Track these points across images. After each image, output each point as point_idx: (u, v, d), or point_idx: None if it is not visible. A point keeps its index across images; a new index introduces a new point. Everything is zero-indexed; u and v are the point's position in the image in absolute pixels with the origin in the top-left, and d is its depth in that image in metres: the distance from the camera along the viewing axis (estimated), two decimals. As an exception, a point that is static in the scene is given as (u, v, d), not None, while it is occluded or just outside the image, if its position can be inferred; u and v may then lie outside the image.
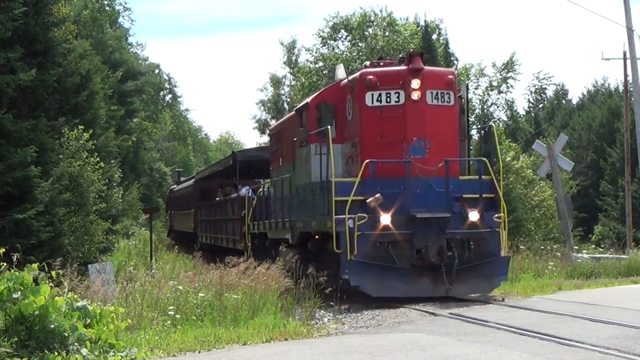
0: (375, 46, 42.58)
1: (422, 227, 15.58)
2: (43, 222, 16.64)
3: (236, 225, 25.73)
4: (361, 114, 16.56)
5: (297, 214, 18.31)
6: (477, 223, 15.88)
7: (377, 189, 15.64)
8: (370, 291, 15.40)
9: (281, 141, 21.25)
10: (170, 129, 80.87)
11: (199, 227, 34.95)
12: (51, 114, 19.30)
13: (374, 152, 16.11)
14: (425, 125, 16.27)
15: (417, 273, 15.53)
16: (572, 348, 9.64)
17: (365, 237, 15.33)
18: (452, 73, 17.28)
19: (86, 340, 8.89)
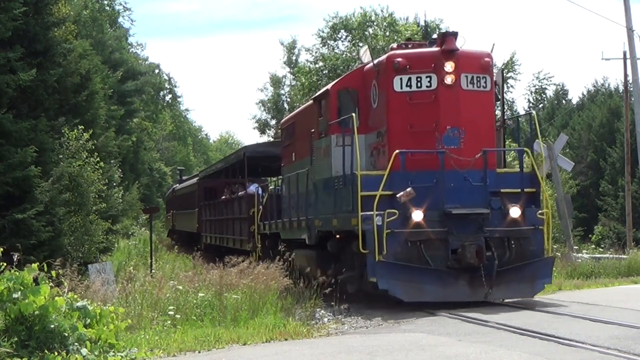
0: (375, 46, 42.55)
1: (458, 224, 14.21)
2: (43, 222, 16.66)
3: (244, 225, 24.45)
4: (388, 100, 15.15)
5: (315, 211, 16.96)
6: (518, 220, 14.53)
7: (407, 183, 14.27)
8: (401, 295, 14.04)
9: (294, 135, 19.95)
10: (170, 129, 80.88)
11: (203, 227, 33.90)
12: (51, 114, 19.34)
13: (402, 142, 14.73)
14: (460, 112, 14.90)
15: (452, 275, 14.13)
16: (572, 348, 9.64)
17: (395, 235, 13.98)
18: (488, 55, 15.53)
19: (86, 340, 8.89)
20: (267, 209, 21.76)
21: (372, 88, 15.87)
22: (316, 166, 17.31)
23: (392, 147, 14.84)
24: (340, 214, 15.29)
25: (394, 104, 15.10)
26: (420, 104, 14.95)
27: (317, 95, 17.91)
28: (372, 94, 15.85)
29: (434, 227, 14.20)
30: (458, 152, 14.70)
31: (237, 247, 24.83)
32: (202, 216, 34.02)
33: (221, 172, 31.46)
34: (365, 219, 14.04)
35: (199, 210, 34.60)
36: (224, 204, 28.86)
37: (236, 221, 25.93)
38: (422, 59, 15.17)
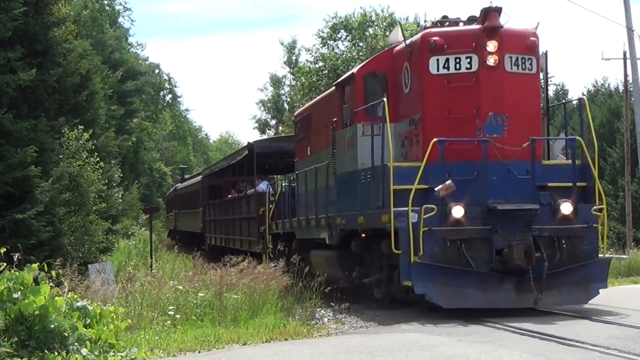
0: (375, 46, 42.58)
1: (503, 221, 12.83)
2: (43, 222, 16.66)
3: (253, 225, 23.17)
4: (423, 84, 13.79)
5: (337, 208, 15.65)
6: (570, 217, 13.09)
7: (445, 176, 12.94)
8: (439, 301, 12.63)
9: (310, 127, 18.73)
10: (170, 129, 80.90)
11: (207, 227, 32.65)
12: (51, 114, 19.35)
13: (439, 130, 13.30)
14: (504, 96, 13.54)
15: (497, 279, 12.73)
16: (572, 348, 9.64)
17: (433, 233, 12.61)
18: (534, 34, 14.07)
19: (86, 340, 8.89)
20: (281, 207, 20.39)
21: (403, 71, 14.48)
22: (339, 159, 15.95)
23: (427, 135, 13.49)
24: (367, 210, 13.99)
25: (429, 88, 13.75)
26: (459, 87, 13.59)
27: (341, 81, 16.40)
28: (404, 78, 14.46)
29: (476, 224, 12.87)
30: (502, 141, 13.33)
31: (245, 249, 23.58)
32: (206, 216, 32.93)
33: (227, 170, 29.85)
34: (399, 216, 12.69)
35: (203, 209, 33.53)
36: (231, 203, 27.64)
37: (244, 221, 24.69)
38: (462, 38, 13.78)
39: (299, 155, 19.80)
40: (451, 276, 12.59)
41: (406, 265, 12.65)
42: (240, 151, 27.07)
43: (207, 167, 38.99)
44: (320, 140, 17.52)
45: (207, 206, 32.73)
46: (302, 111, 20.56)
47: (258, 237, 22.21)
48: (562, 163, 14.32)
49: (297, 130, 20.40)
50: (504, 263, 12.71)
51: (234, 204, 26.77)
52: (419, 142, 13.87)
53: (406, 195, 12.79)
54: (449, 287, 12.60)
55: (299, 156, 19.79)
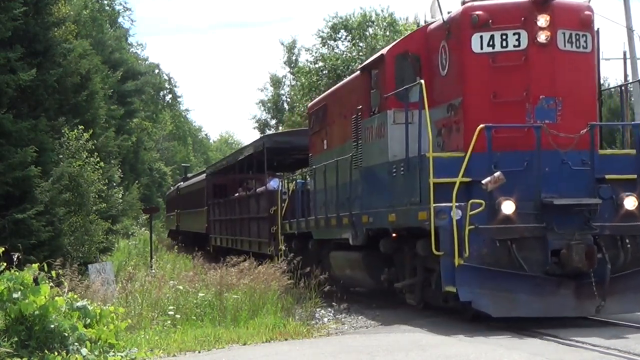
0: (375, 46, 42.56)
1: (559, 218, 11.37)
2: (43, 222, 16.66)
3: (263, 225, 21.79)
4: (465, 64, 12.34)
5: (363, 205, 14.34)
6: (634, 213, 11.62)
7: (490, 167, 11.51)
8: (488, 309, 11.16)
9: (327, 118, 17.39)
10: (170, 129, 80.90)
11: (212, 228, 31.21)
12: (51, 113, 19.34)
13: (483, 116, 11.87)
14: (557, 78, 12.08)
15: (553, 283, 11.30)
16: (572, 348, 9.63)
17: (480, 232, 11.18)
18: (588, 8, 12.53)
19: (86, 340, 8.89)
20: (294, 206, 19.01)
21: (440, 52, 13.00)
22: (365, 150, 14.49)
23: (469, 122, 12.06)
24: (400, 207, 12.63)
25: (472, 69, 12.29)
26: (506, 67, 12.16)
27: (367, 64, 14.86)
28: (440, 59, 13.00)
29: (529, 221, 11.43)
30: (554, 128, 11.90)
31: (254, 250, 22.21)
32: (210, 216, 31.52)
33: (234, 167, 28.24)
34: (440, 212, 11.30)
35: (208, 209, 32.14)
36: (238, 202, 26.08)
37: (253, 221, 23.23)
38: (509, 12, 12.31)
39: (313, 149, 18.46)
40: (501, 281, 11.14)
41: (449, 268, 11.20)
42: (249, 147, 25.42)
43: (212, 165, 36.92)
44: (340, 131, 16.27)
45: (211, 205, 31.46)
46: (317, 102, 19.06)
47: (269, 238, 20.94)
48: (623, 152, 12.98)
49: (312, 122, 18.91)
50: (562, 265, 11.23)
51: (242, 203, 25.38)
52: (459, 130, 12.38)
53: (446, 190, 11.42)
54: (500, 293, 11.14)
55: (313, 150, 18.46)
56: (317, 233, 17.16)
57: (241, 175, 27.19)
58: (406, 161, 12.52)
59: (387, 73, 13.63)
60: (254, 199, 23.31)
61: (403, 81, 13.26)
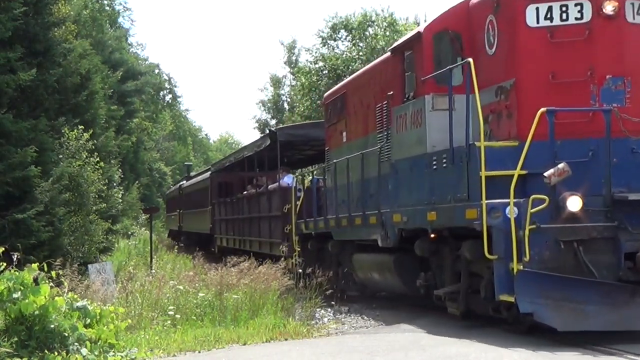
0: (375, 46, 42.56)
1: (633, 216, 9.96)
2: (43, 222, 16.65)
3: (276, 225, 20.43)
4: (518, 40, 10.90)
5: (394, 202, 13.00)
6: None
7: (553, 157, 10.12)
8: (553, 322, 9.68)
9: (346, 108, 16.11)
10: (170, 129, 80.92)
11: (217, 228, 29.92)
12: (51, 113, 19.33)
13: (540, 99, 10.49)
14: (625, 55, 10.63)
15: (628, 292, 9.75)
16: (572, 347, 9.61)
17: (543, 233, 9.78)
18: None
19: (86, 340, 8.88)
20: (311, 204, 17.68)
21: (486, 28, 11.58)
22: (397, 141, 13.15)
23: (524, 106, 10.71)
24: (442, 204, 11.37)
25: (527, 45, 10.84)
26: (566, 43, 10.72)
27: (400, 45, 13.38)
28: (487, 36, 11.59)
29: (598, 220, 10.02)
30: (623, 112, 10.44)
31: (265, 252, 21.03)
32: (215, 215, 30.32)
33: (241, 164, 26.62)
34: (493, 210, 9.99)
35: (212, 208, 30.98)
36: (247, 201, 24.63)
37: (264, 220, 21.93)
38: None
39: (331, 142, 17.21)
40: (567, 289, 9.65)
41: (505, 274, 9.90)
42: (259, 141, 23.57)
43: (217, 162, 34.92)
44: (362, 122, 15.07)
45: (216, 205, 30.17)
46: (335, 91, 17.59)
47: (282, 239, 19.53)
48: None
49: (328, 114, 17.54)
50: (637, 271, 9.82)
51: (252, 202, 23.98)
52: (510, 116, 11.00)
53: (497, 185, 10.20)
54: (567, 304, 9.64)
55: (331, 144, 17.17)
56: (338, 233, 15.87)
57: (250, 173, 25.77)
58: (450, 152, 11.13)
59: (425, 53, 12.20)
60: (266, 197, 22.00)
61: (441, 62, 11.96)
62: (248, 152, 24.77)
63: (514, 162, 10.23)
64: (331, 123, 17.24)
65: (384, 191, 13.57)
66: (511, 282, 9.81)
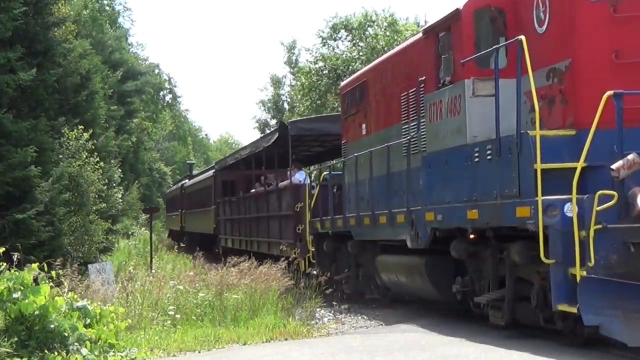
0: (375, 46, 42.55)
1: None
2: (43, 222, 16.66)
3: (287, 225, 19.32)
4: (576, 14, 9.71)
5: (427, 199, 11.82)
6: None
7: (620, 147, 8.98)
8: (623, 337, 8.48)
9: (369, 97, 14.94)
10: (170, 129, 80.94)
11: (222, 228, 29.04)
12: (51, 113, 19.34)
13: (602, 82, 9.32)
14: None
15: None
16: (572, 348, 9.61)
17: (609, 234, 8.64)
18: None
19: (86, 340, 8.88)
20: (329, 202, 16.53)
21: (535, 3, 10.37)
22: (429, 132, 11.96)
23: (583, 90, 9.59)
24: (486, 200, 10.21)
25: (586, 21, 9.65)
26: (632, 19, 9.57)
27: (435, 24, 12.02)
28: (536, 13, 10.37)
29: None
30: None
31: (274, 253, 19.85)
32: (219, 215, 29.35)
33: (247, 161, 25.24)
34: (549, 207, 8.89)
35: (216, 208, 29.95)
36: (255, 200, 23.49)
37: (274, 220, 20.77)
38: None
39: (349, 135, 16.07)
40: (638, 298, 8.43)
41: (563, 281, 8.87)
42: (269, 136, 22.08)
43: (221, 160, 33.65)
44: (386, 112, 13.94)
45: (220, 204, 29.16)
46: (353, 80, 16.35)
47: (294, 239, 18.48)
48: None
49: (346, 105, 16.40)
50: None
51: (260, 200, 22.81)
52: (566, 102, 9.85)
53: (553, 179, 9.15)
54: (636, 315, 8.41)
55: (349, 137, 16.06)
56: (358, 233, 14.79)
57: (257, 171, 24.71)
58: (496, 142, 9.98)
59: (465, 33, 10.96)
60: (275, 195, 20.90)
61: (482, 43, 10.82)
62: (255, 148, 23.39)
63: (571, 153, 9.18)
64: (349, 114, 16.12)
65: (414, 187, 12.35)
66: (571, 290, 8.74)
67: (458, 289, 11.51)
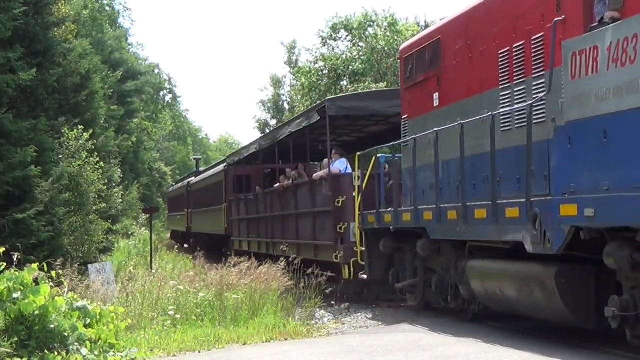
0: (375, 46, 42.55)
1: None
2: (43, 221, 16.66)
3: (324, 222, 16.56)
4: None
5: (563, 185, 8.76)
6: None
7: None
8: None
9: (445, 58, 12.09)
10: (170, 129, 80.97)
11: (235, 229, 26.42)
12: (51, 113, 19.36)
13: None
14: None
15: None
16: (573, 348, 9.61)
17: None
18: None
19: (86, 340, 8.88)
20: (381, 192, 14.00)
21: None
22: (572, 92, 8.69)
23: None
24: None
25: None
26: None
27: None
28: None
29: None
30: None
31: (308, 257, 17.18)
32: (232, 214, 26.92)
33: (270, 151, 21.66)
34: None
35: (228, 206, 27.44)
36: (279, 195, 20.63)
37: (306, 218, 17.99)
38: None
39: (412, 109, 13.25)
40: None
41: None
42: (302, 118, 18.41)
43: (235, 153, 29.94)
44: (477, 74, 11.13)
45: (234, 202, 26.49)
46: (420, 40, 13.37)
47: (335, 240, 15.81)
48: None
49: (409, 71, 13.45)
50: None
51: (287, 196, 19.97)
52: None
53: None
54: None
55: (412, 110, 13.24)
56: (437, 230, 11.63)
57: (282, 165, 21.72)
58: None
59: None
60: (308, 189, 17.98)
61: None
62: (280, 135, 20.20)
63: None
64: (413, 83, 13.15)
65: (540, 169, 9.31)
66: None
67: (615, 313, 8.18)
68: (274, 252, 19.78)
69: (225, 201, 28.11)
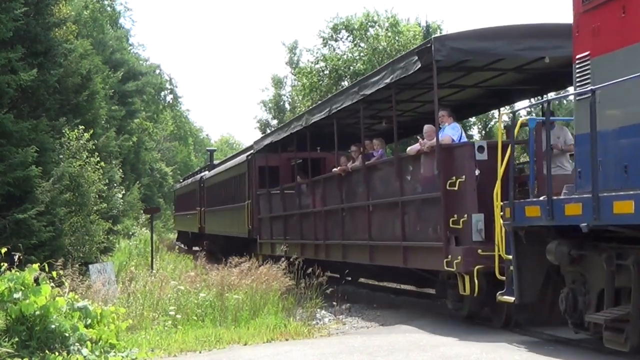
0: (377, 46, 42.58)
1: None
2: (44, 222, 16.65)
3: (425, 214, 12.33)
4: None
5: None
6: None
7: None
8: None
9: None
10: (171, 129, 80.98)
11: (262, 229, 22.46)
12: (52, 114, 19.35)
13: None
14: None
15: None
16: (573, 348, 9.61)
17: None
18: None
19: (87, 340, 8.88)
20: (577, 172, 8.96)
21: None
22: None
23: None
24: None
25: None
26: None
27: None
28: None
29: None
30: None
31: (392, 264, 13.76)
32: (258, 212, 22.83)
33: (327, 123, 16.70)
34: None
35: (252, 203, 23.35)
36: (337, 184, 16.35)
37: (383, 210, 14.05)
38: None
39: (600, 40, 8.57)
40: None
41: None
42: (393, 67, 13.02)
43: (265, 136, 24.42)
44: None
45: (261, 197, 22.60)
46: None
47: (445, 241, 11.46)
48: None
49: None
50: None
51: (347, 184, 15.99)
52: None
53: None
54: None
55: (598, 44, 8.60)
56: None
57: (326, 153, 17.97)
58: None
59: None
60: (394, 169, 13.45)
61: None
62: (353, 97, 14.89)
63: None
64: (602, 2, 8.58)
65: None
66: None
67: None
68: (327, 257, 16.62)
69: (250, 197, 23.82)
